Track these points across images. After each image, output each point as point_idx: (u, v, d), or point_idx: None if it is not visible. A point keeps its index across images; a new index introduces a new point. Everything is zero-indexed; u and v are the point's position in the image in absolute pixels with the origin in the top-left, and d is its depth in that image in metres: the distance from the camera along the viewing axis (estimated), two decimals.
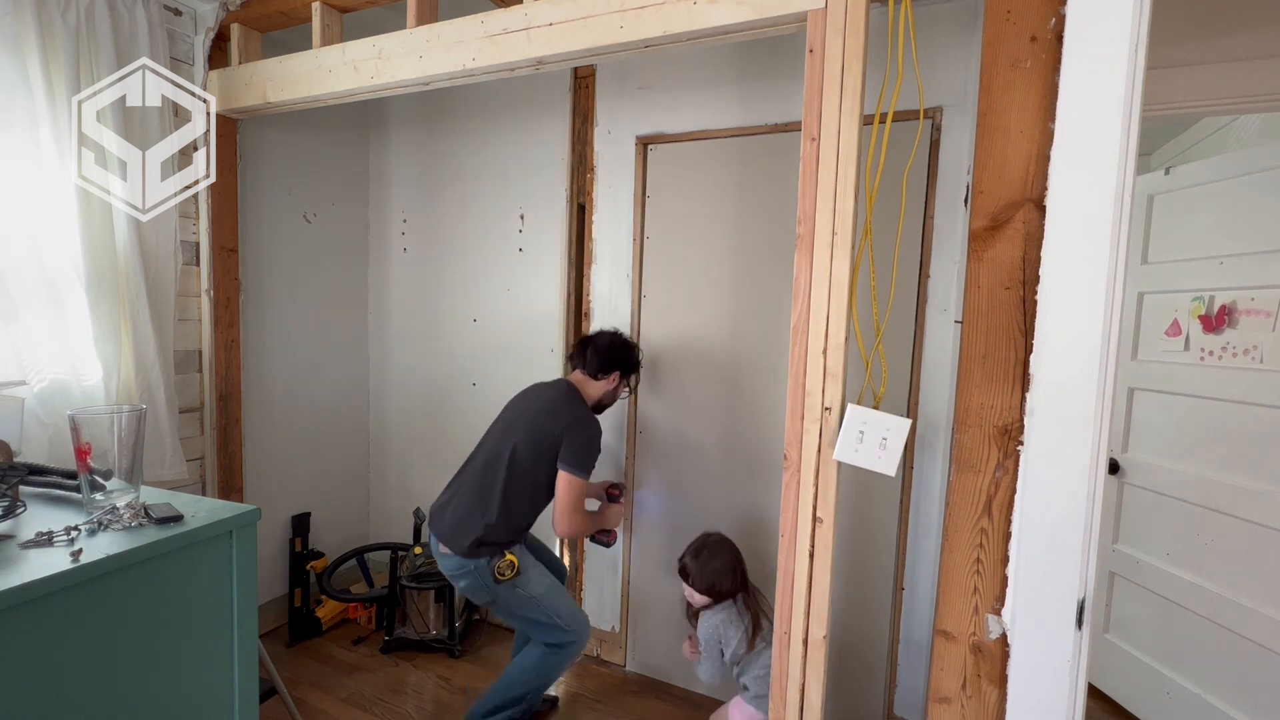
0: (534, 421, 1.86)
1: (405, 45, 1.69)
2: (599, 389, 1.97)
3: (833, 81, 1.21)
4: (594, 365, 1.94)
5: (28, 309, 1.69)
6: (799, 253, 1.27)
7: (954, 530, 1.14)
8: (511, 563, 1.80)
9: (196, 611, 1.16)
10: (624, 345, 1.99)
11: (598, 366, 1.93)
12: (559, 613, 1.87)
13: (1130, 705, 2.16)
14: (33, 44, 1.63)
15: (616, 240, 2.30)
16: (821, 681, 1.29)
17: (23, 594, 0.90)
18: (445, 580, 2.44)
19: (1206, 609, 1.90)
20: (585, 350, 1.96)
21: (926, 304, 1.86)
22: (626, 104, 2.24)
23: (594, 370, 1.94)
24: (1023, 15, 1.05)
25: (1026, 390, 1.07)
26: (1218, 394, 1.88)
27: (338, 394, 2.80)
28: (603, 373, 1.94)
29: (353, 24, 1.96)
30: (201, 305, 2.15)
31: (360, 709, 2.13)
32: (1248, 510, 1.79)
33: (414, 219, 2.77)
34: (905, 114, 1.59)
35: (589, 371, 1.95)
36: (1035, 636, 1.07)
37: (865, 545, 1.97)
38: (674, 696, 2.24)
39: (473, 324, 2.66)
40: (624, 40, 1.42)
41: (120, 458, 1.22)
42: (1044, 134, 1.04)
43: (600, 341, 1.96)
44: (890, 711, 2.00)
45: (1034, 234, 1.05)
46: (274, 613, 2.56)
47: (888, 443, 1.21)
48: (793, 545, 1.30)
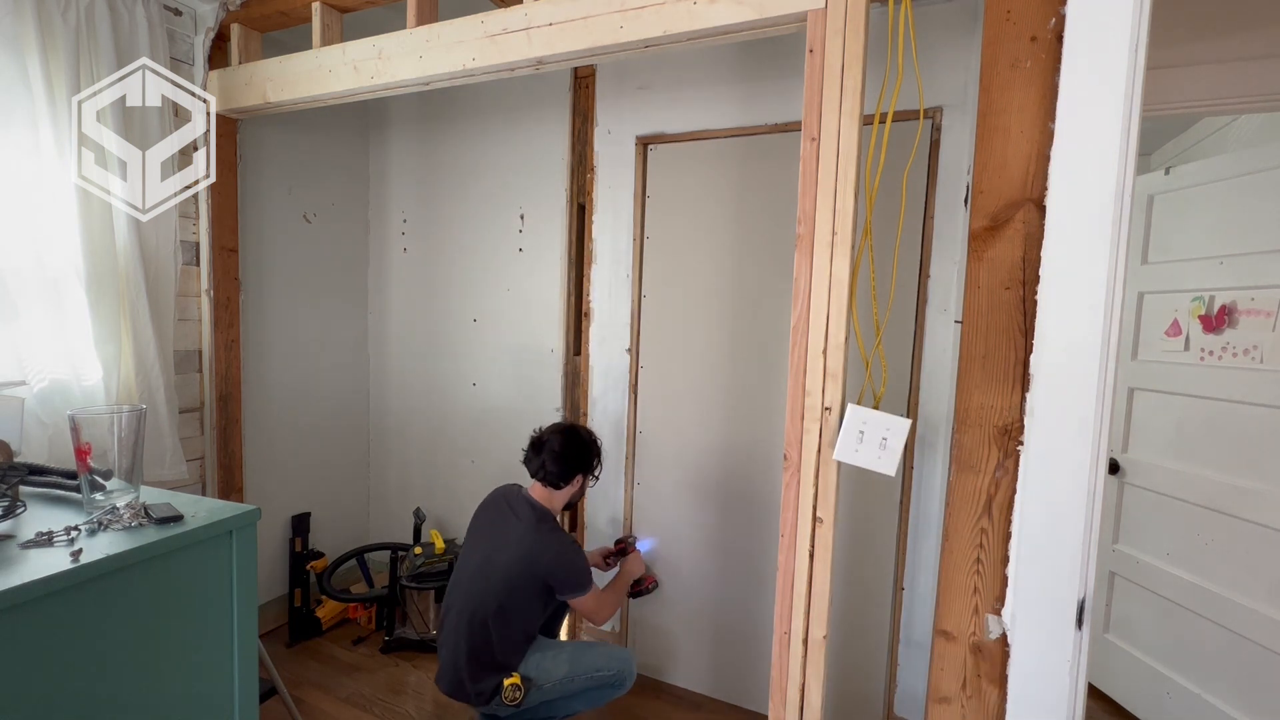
0: (510, 573, 1.74)
1: (405, 45, 1.69)
2: (563, 497, 1.86)
3: (833, 81, 1.21)
4: (554, 475, 1.81)
5: (28, 309, 1.69)
6: (799, 253, 1.26)
7: (954, 530, 1.14)
8: (515, 684, 1.72)
9: (197, 612, 1.16)
10: (581, 446, 1.85)
11: (558, 476, 1.81)
12: (596, 668, 1.81)
13: (1130, 705, 2.16)
14: (33, 44, 1.63)
15: (616, 240, 2.30)
16: (821, 681, 1.29)
17: (23, 594, 0.90)
18: (445, 580, 2.44)
19: (1206, 609, 1.90)
20: (541, 458, 1.82)
21: (926, 304, 1.86)
22: (626, 104, 2.24)
23: (554, 480, 1.82)
24: (1023, 15, 1.05)
25: (1026, 390, 1.07)
26: (1218, 394, 1.88)
27: (338, 394, 2.80)
28: (564, 481, 1.82)
29: (353, 24, 1.96)
30: (201, 305, 2.15)
31: (360, 709, 2.13)
32: (1248, 510, 1.79)
33: (414, 219, 2.77)
34: (905, 114, 1.59)
35: (549, 483, 1.83)
36: (1035, 636, 1.07)
37: (865, 545, 1.97)
38: (674, 696, 2.24)
39: (473, 324, 2.66)
40: (624, 40, 1.42)
41: (120, 458, 1.22)
42: (1044, 134, 1.04)
43: (553, 448, 1.81)
44: (890, 711, 2.00)
45: (1034, 234, 1.05)
46: (274, 613, 2.56)
47: (888, 443, 1.21)
48: (793, 545, 1.30)
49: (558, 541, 1.78)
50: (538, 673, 1.77)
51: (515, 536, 1.78)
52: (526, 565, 1.74)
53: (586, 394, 2.40)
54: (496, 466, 2.64)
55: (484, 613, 1.74)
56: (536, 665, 1.79)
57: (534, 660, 1.79)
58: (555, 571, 1.75)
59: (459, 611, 1.79)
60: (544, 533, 1.77)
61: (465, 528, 2.72)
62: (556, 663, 1.80)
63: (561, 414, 2.47)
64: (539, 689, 1.76)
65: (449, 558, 2.46)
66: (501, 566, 1.76)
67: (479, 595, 1.76)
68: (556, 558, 1.75)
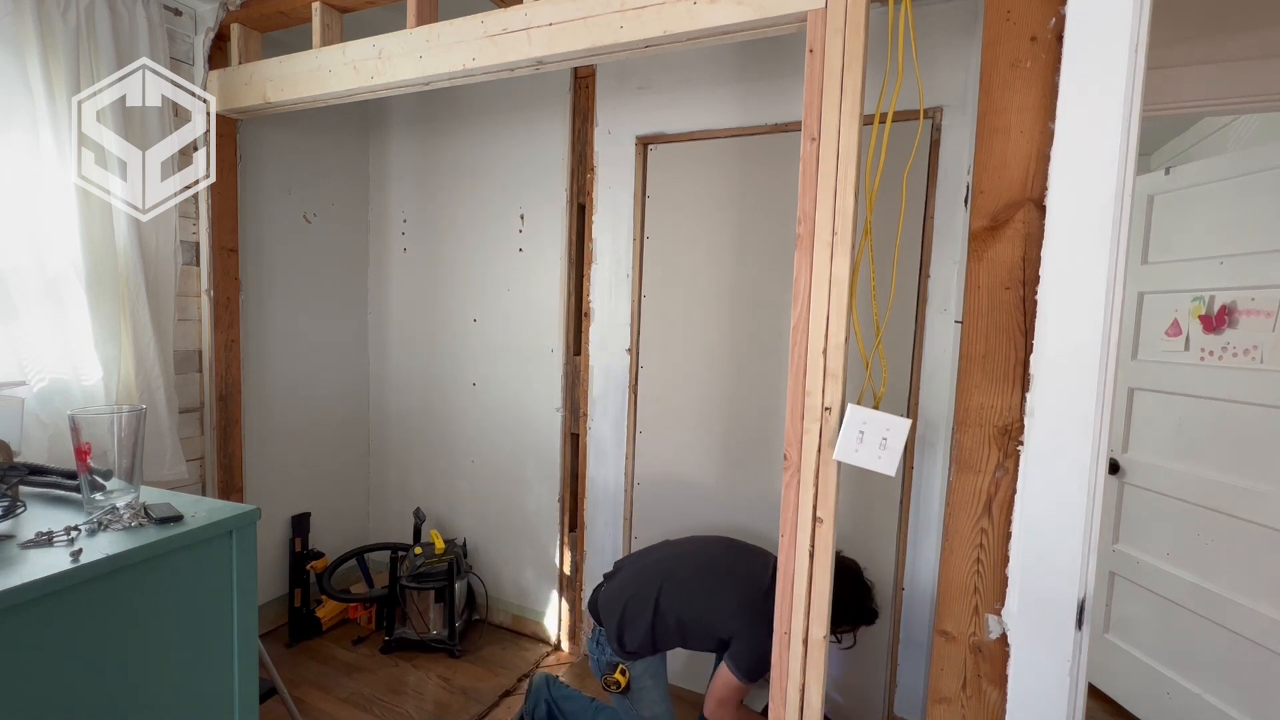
0: (723, 599, 1.67)
1: (405, 45, 1.69)
2: None
3: (833, 81, 1.21)
4: None
5: (28, 309, 1.69)
6: (799, 253, 1.26)
7: (954, 530, 1.14)
8: (618, 681, 1.72)
9: (196, 611, 1.16)
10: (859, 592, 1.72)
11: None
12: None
13: (1130, 705, 2.16)
14: (33, 44, 1.63)
15: (616, 240, 2.30)
16: (821, 681, 1.29)
17: (23, 594, 0.90)
18: (445, 580, 2.44)
19: (1206, 609, 1.90)
20: None
21: (926, 304, 1.86)
22: (626, 104, 2.24)
23: None
24: (1023, 15, 1.05)
25: (1026, 390, 1.07)
26: (1218, 394, 1.88)
27: (338, 394, 2.80)
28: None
29: (353, 24, 1.96)
30: (201, 305, 2.15)
31: (360, 709, 2.13)
32: (1248, 510, 1.79)
33: (414, 219, 2.77)
34: (905, 114, 1.59)
35: None
36: (1035, 636, 1.07)
37: (865, 545, 1.97)
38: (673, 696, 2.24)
39: (473, 324, 2.66)
40: (624, 40, 1.42)
41: (120, 458, 1.22)
42: (1044, 134, 1.04)
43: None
44: (890, 711, 2.00)
45: (1034, 234, 1.05)
46: (274, 613, 2.56)
47: (888, 443, 1.21)
48: (793, 545, 1.30)
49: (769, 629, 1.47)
50: (639, 690, 1.75)
51: (756, 579, 1.69)
52: (738, 608, 1.66)
53: (586, 394, 2.40)
54: (496, 467, 2.64)
55: (671, 600, 1.70)
56: (644, 686, 1.75)
57: (649, 681, 1.76)
58: (748, 633, 1.63)
59: (656, 572, 1.76)
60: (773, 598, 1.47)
61: (465, 528, 2.74)
62: (649, 705, 1.76)
63: (561, 414, 2.47)
64: (628, 699, 1.75)
65: (449, 557, 2.46)
66: (723, 589, 1.70)
67: (683, 584, 1.72)
68: (763, 637, 1.54)
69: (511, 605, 2.67)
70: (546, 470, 2.52)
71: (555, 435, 2.49)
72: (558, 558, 2.53)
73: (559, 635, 2.56)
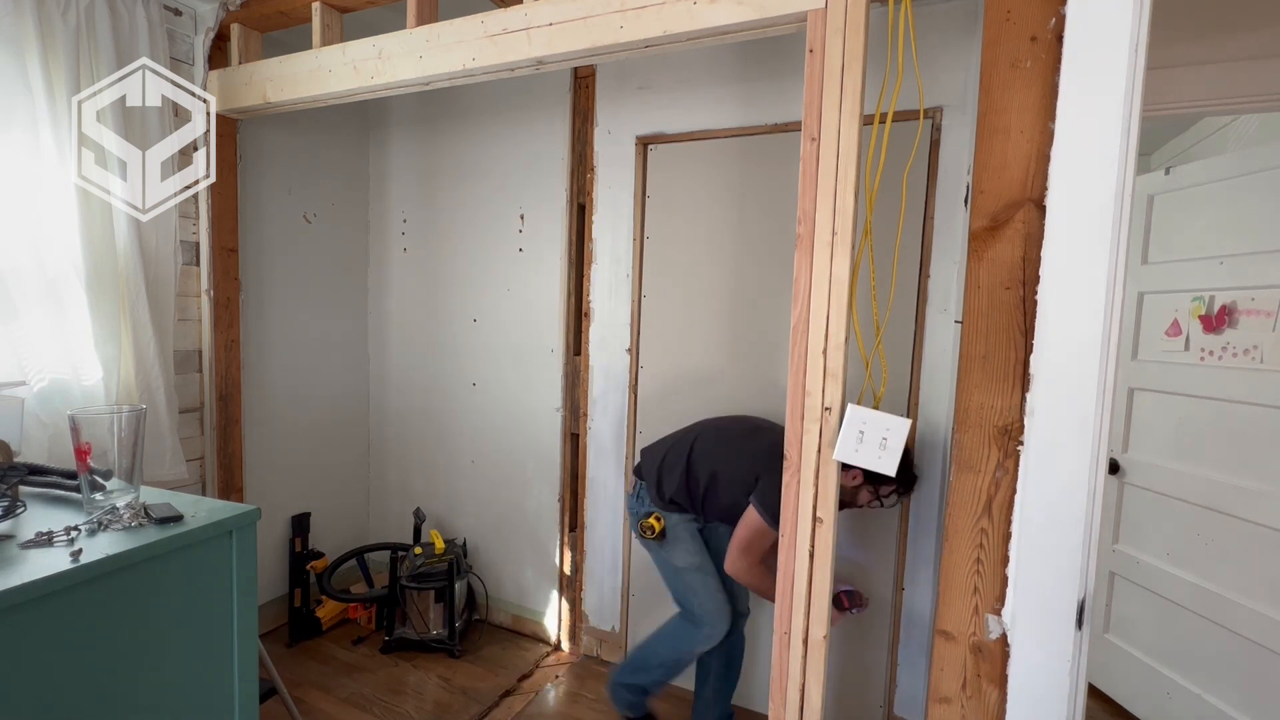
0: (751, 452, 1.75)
1: (405, 45, 1.69)
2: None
3: (833, 81, 1.21)
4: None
5: (28, 309, 1.69)
6: (799, 252, 1.26)
7: (954, 530, 1.14)
8: (652, 526, 1.82)
9: (196, 611, 1.16)
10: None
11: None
12: (694, 590, 1.85)
13: (1130, 705, 2.16)
14: (33, 44, 1.63)
15: (616, 240, 2.30)
16: (821, 681, 1.29)
17: (23, 594, 0.90)
18: (445, 580, 2.44)
19: (1206, 609, 1.90)
20: None
21: (926, 304, 1.86)
22: (626, 104, 2.24)
23: None
24: (1023, 15, 1.05)
25: (1026, 390, 1.07)
26: (1218, 394, 1.88)
27: (338, 394, 2.80)
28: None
29: (353, 24, 1.96)
30: (201, 305, 2.15)
31: (360, 709, 2.13)
32: (1248, 510, 1.79)
33: (414, 219, 2.77)
34: (905, 114, 1.59)
35: None
36: (1035, 636, 1.07)
37: (865, 545, 1.97)
38: (674, 696, 2.24)
39: (473, 324, 2.66)
40: (624, 40, 1.42)
41: (120, 458, 1.22)
42: (1044, 134, 1.04)
43: None
44: (890, 711, 2.00)
45: (1034, 234, 1.05)
46: (274, 613, 2.56)
47: (888, 443, 1.21)
48: (793, 545, 1.30)
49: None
50: (673, 540, 1.84)
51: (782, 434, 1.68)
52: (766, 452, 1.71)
53: (586, 394, 2.40)
54: (496, 467, 2.64)
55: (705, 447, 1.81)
56: (679, 536, 1.84)
57: (683, 532, 1.84)
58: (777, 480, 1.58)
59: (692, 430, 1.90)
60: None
61: (465, 528, 2.74)
62: (683, 556, 1.85)
63: (561, 414, 2.47)
64: (663, 549, 1.85)
65: (449, 557, 2.46)
66: (752, 439, 1.80)
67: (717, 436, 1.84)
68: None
69: (511, 605, 2.67)
70: (546, 470, 2.53)
71: (555, 435, 2.49)
72: (558, 558, 2.53)
73: (559, 635, 2.56)
